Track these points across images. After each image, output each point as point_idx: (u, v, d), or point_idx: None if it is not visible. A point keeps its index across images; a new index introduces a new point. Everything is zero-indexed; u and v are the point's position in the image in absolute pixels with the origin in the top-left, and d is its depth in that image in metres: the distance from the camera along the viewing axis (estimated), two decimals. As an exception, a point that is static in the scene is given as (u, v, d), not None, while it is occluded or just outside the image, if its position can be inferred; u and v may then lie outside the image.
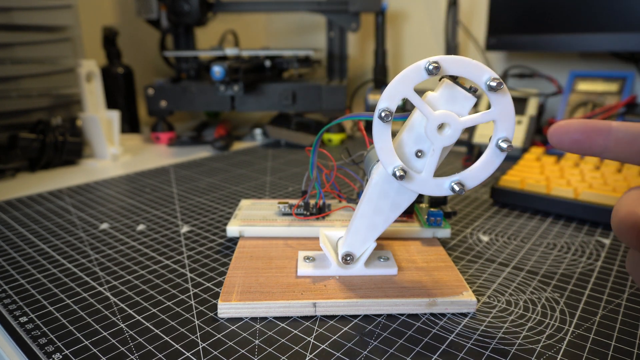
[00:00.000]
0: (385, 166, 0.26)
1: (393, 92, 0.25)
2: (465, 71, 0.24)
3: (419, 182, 0.27)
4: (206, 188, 0.54)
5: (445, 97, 0.25)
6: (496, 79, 0.24)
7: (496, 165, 0.26)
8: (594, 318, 0.29)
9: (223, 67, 0.66)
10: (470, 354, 0.26)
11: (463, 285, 0.30)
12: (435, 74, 0.24)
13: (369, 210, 0.29)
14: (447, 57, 0.24)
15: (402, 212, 0.29)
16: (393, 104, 0.25)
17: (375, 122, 0.26)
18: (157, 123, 0.78)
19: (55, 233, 0.41)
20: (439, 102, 0.25)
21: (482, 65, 0.24)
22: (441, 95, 0.25)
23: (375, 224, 0.29)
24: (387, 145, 0.26)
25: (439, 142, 0.26)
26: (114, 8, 0.89)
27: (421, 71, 0.24)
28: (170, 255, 0.37)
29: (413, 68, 0.24)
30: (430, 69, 0.24)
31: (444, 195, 0.27)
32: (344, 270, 0.31)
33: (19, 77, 0.63)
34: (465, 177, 0.26)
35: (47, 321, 0.28)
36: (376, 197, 0.29)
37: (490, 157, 0.26)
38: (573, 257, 0.37)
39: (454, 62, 0.24)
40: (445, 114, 0.25)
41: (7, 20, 0.60)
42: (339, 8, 0.79)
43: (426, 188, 0.27)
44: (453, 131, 0.25)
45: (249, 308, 0.28)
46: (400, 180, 0.26)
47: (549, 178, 0.48)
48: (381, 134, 0.26)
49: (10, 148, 0.59)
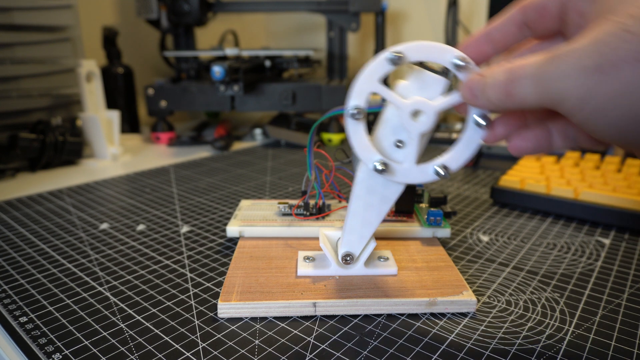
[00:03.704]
0: (365, 162, 0.27)
1: (360, 88, 0.25)
2: (429, 55, 0.24)
3: (403, 172, 0.27)
4: (206, 188, 0.54)
5: (416, 84, 0.25)
6: (461, 57, 0.24)
7: (476, 142, 0.26)
8: (594, 318, 0.29)
9: (223, 67, 0.66)
10: (470, 354, 0.26)
11: (463, 285, 0.30)
12: (400, 64, 0.24)
13: (360, 207, 0.29)
14: (409, 44, 0.24)
15: (392, 204, 0.29)
16: (362, 100, 0.25)
17: (347, 120, 0.26)
18: (157, 123, 0.78)
19: (55, 233, 0.41)
20: (411, 89, 0.26)
21: (445, 46, 0.24)
22: (411, 82, 0.26)
23: (369, 220, 0.29)
24: (363, 142, 0.26)
25: (416, 130, 0.26)
26: (114, 8, 0.89)
27: (385, 63, 0.24)
28: (170, 255, 0.37)
29: (377, 61, 0.24)
30: (393, 58, 0.24)
31: (429, 181, 0.27)
32: (344, 270, 0.31)
33: (19, 77, 0.63)
34: (448, 159, 0.26)
35: (47, 321, 0.28)
36: (364, 194, 0.29)
37: (469, 135, 0.26)
38: (573, 257, 0.37)
39: (416, 48, 0.24)
40: (416, 100, 0.25)
41: (7, 20, 0.60)
42: (339, 8, 0.79)
43: (410, 177, 0.27)
44: (427, 116, 0.25)
45: (249, 308, 0.28)
46: (381, 173, 0.26)
47: (549, 178, 0.48)
48: (355, 131, 0.26)
49: (10, 148, 0.59)
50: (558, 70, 0.18)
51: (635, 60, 0.17)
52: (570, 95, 0.18)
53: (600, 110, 0.18)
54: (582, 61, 0.18)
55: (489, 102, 0.22)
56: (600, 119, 0.18)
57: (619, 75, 0.17)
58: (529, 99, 0.20)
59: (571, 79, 0.18)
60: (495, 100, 0.21)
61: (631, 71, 0.17)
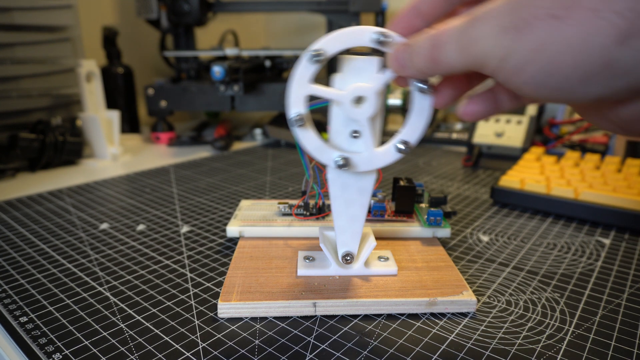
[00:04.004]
0: (326, 163, 0.27)
1: (295, 95, 0.25)
2: (349, 42, 0.24)
3: (366, 161, 0.27)
4: (206, 188, 0.54)
5: (350, 72, 0.26)
6: (380, 32, 0.24)
7: (428, 110, 0.26)
8: (594, 318, 0.29)
9: (223, 67, 0.66)
10: (470, 354, 0.26)
11: (463, 285, 0.30)
12: (323, 60, 0.24)
13: (341, 206, 0.29)
14: (325, 37, 0.24)
15: (371, 193, 0.29)
16: (301, 106, 0.25)
17: (294, 130, 0.26)
18: (157, 123, 0.78)
19: (55, 233, 0.41)
20: (347, 79, 0.26)
21: (362, 27, 0.24)
22: (345, 72, 0.26)
23: (354, 215, 0.29)
24: (315, 144, 0.26)
25: (362, 116, 0.26)
26: (114, 8, 0.89)
27: (309, 64, 0.24)
28: (170, 255, 0.37)
29: (301, 65, 0.25)
30: (315, 57, 0.24)
31: (394, 160, 0.27)
32: (344, 270, 0.31)
33: (19, 77, 0.63)
34: (405, 134, 0.26)
35: (47, 321, 0.28)
36: (340, 192, 0.29)
37: (418, 104, 0.26)
38: (573, 257, 0.37)
39: (333, 39, 0.24)
40: (353, 88, 0.25)
41: (7, 20, 0.60)
42: (339, 8, 0.79)
43: (374, 162, 0.27)
44: (369, 100, 0.25)
45: (249, 308, 0.28)
46: (344, 168, 0.26)
47: (549, 178, 0.48)
48: (305, 137, 0.26)
49: (10, 148, 0.59)
50: (478, 32, 0.19)
51: (549, 17, 0.17)
52: (491, 56, 0.19)
53: (519, 68, 0.18)
54: (499, 21, 0.18)
55: (418, 70, 0.22)
56: (520, 76, 0.18)
57: (533, 33, 0.17)
58: (454, 63, 0.20)
59: (490, 40, 0.18)
60: (423, 68, 0.22)
61: (544, 28, 0.17)
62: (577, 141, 0.68)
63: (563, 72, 0.17)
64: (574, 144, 0.68)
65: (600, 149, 0.66)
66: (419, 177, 0.58)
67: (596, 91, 0.17)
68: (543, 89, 0.18)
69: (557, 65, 0.17)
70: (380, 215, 0.38)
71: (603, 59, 0.16)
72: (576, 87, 0.17)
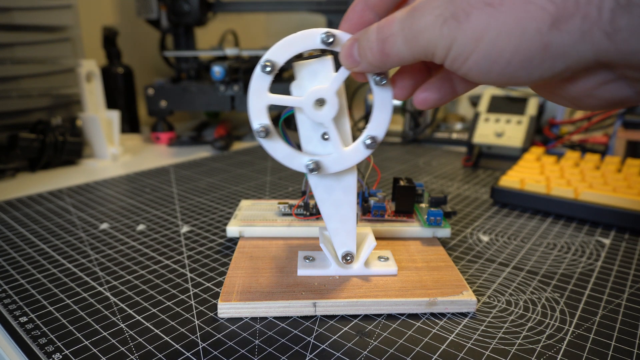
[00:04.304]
0: (297, 169, 0.27)
1: (255, 108, 0.25)
2: (297, 48, 0.24)
3: (336, 161, 0.27)
4: (206, 188, 0.54)
5: (306, 77, 0.26)
6: (326, 33, 0.24)
7: (389, 103, 0.26)
8: (594, 318, 0.29)
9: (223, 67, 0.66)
10: (470, 354, 0.26)
11: (463, 285, 0.30)
12: (274, 69, 0.24)
13: (330, 208, 0.29)
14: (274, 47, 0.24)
15: (356, 190, 0.29)
16: (263, 119, 0.26)
17: (261, 142, 0.26)
18: (157, 123, 0.78)
19: (55, 233, 0.41)
20: (304, 84, 0.26)
21: (307, 31, 0.24)
22: (301, 77, 0.26)
23: (345, 215, 0.29)
24: (284, 153, 0.27)
25: (326, 117, 0.26)
26: (114, 8, 0.89)
27: (262, 76, 0.25)
28: (170, 255, 0.37)
29: (255, 78, 0.25)
30: (266, 68, 0.24)
31: (364, 157, 0.27)
32: (344, 270, 0.31)
33: (19, 77, 0.63)
34: (371, 130, 0.27)
35: (47, 321, 0.28)
36: (326, 195, 0.29)
37: (379, 98, 0.26)
38: (573, 257, 0.37)
39: (280, 48, 0.24)
40: (311, 91, 0.25)
41: (7, 20, 0.60)
42: (339, 8, 0.79)
43: (345, 162, 0.27)
44: (330, 100, 0.26)
45: (249, 308, 0.28)
46: (315, 172, 0.27)
47: (549, 178, 0.48)
48: (273, 148, 0.27)
49: (10, 148, 0.59)
50: (421, 23, 0.19)
51: (484, 5, 0.17)
52: (437, 46, 0.19)
53: (464, 56, 0.19)
54: (440, 11, 0.19)
55: (370, 64, 0.22)
56: (466, 63, 0.19)
57: (472, 21, 0.18)
58: (404, 55, 0.21)
59: (435, 30, 0.19)
60: (374, 62, 0.22)
61: (481, 16, 0.17)
62: (577, 141, 0.68)
63: (504, 57, 0.18)
64: (574, 144, 0.68)
65: (600, 149, 0.66)
66: (419, 177, 0.58)
67: (539, 74, 0.18)
68: (489, 74, 0.19)
69: (498, 51, 0.18)
70: (380, 215, 0.38)
71: (539, 43, 0.17)
72: (519, 71, 0.18)
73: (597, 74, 0.18)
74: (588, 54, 0.17)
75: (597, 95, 0.19)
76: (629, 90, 0.18)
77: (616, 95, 0.19)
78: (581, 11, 0.16)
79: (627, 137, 0.60)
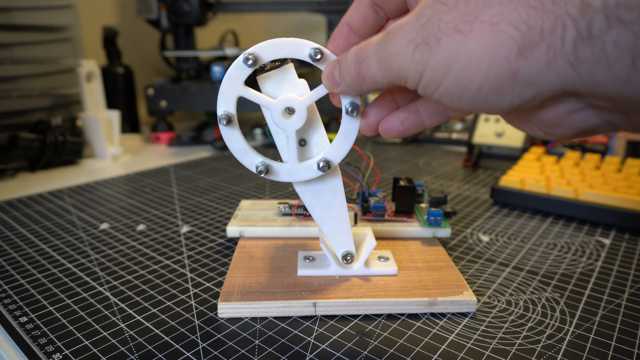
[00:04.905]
0: (248, 166, 0.27)
1: (225, 94, 0.25)
2: (284, 52, 0.24)
3: (287, 171, 0.27)
4: (206, 188, 0.54)
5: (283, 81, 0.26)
6: (316, 49, 0.24)
7: (354, 132, 0.26)
8: (594, 318, 0.29)
9: (223, 67, 0.66)
10: (470, 354, 0.26)
11: (463, 285, 0.30)
12: (256, 65, 0.24)
13: (321, 211, 0.29)
14: (263, 43, 0.24)
15: (343, 187, 0.29)
16: (230, 106, 0.25)
17: (221, 129, 0.26)
18: (157, 123, 0.78)
19: (55, 233, 0.41)
20: (280, 87, 0.26)
21: (300, 40, 0.24)
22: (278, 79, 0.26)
23: (337, 216, 0.29)
24: (239, 146, 0.27)
25: (290, 127, 0.26)
26: (114, 8, 0.89)
27: (243, 66, 0.24)
28: (170, 255, 0.37)
29: (234, 65, 0.25)
30: (248, 60, 0.24)
31: (314, 176, 0.27)
32: (344, 270, 0.31)
33: (19, 77, 0.63)
34: (329, 153, 0.27)
35: (47, 321, 0.28)
36: (314, 199, 0.29)
37: (346, 127, 0.26)
38: (573, 257, 0.37)
39: (270, 46, 0.24)
40: (285, 98, 0.25)
41: (7, 20, 0.60)
42: (339, 8, 0.79)
43: (295, 175, 0.27)
44: (298, 113, 0.26)
45: (249, 308, 0.28)
46: (264, 175, 0.27)
47: (549, 178, 0.48)
48: (229, 137, 0.26)
49: (10, 148, 0.59)
50: (393, 47, 0.19)
51: (454, 31, 0.17)
52: (410, 71, 0.19)
53: (436, 82, 0.19)
54: (411, 36, 0.19)
55: (348, 86, 0.23)
56: (438, 89, 0.19)
57: (443, 48, 0.18)
58: (378, 78, 0.21)
59: (406, 55, 0.19)
60: (351, 83, 0.22)
61: (451, 42, 0.18)
62: (577, 141, 0.68)
63: (475, 84, 0.18)
64: (574, 144, 0.68)
65: (600, 149, 0.66)
66: (419, 177, 0.58)
67: (509, 101, 0.18)
68: (460, 100, 0.19)
69: (469, 77, 0.18)
70: (380, 215, 0.38)
71: (508, 70, 0.17)
72: (490, 98, 0.18)
73: (566, 102, 0.18)
74: (554, 82, 0.17)
75: (567, 124, 0.19)
76: (597, 119, 0.18)
77: (585, 123, 0.19)
78: (546, 40, 0.16)
79: (627, 137, 0.60)
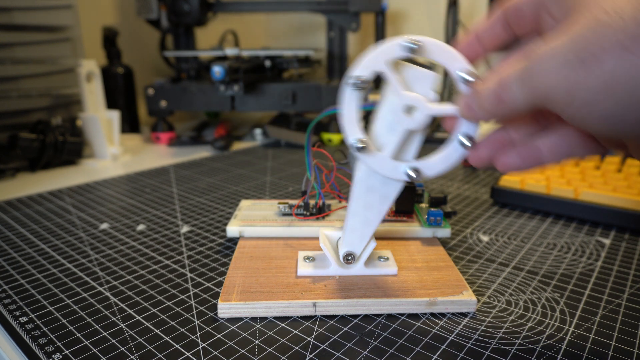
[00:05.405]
0: (347, 136, 0.26)
1: (369, 63, 0.25)
2: (442, 57, 0.24)
3: (377, 160, 0.27)
4: (206, 188, 0.54)
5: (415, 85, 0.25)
6: (469, 72, 0.24)
7: (454, 160, 0.26)
8: (594, 318, 0.29)
9: (223, 67, 0.66)
10: (470, 354, 0.26)
11: (463, 285, 0.30)
12: (413, 53, 0.24)
13: (360, 207, 0.29)
14: (429, 38, 0.24)
15: (391, 203, 0.29)
16: (367, 74, 0.25)
17: (345, 89, 0.25)
18: (157, 123, 0.78)
19: (55, 233, 0.41)
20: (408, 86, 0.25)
21: (459, 55, 0.24)
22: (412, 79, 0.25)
23: (369, 219, 0.29)
24: (352, 115, 0.26)
25: (404, 124, 0.25)
26: (114, 8, 0.89)
27: (397, 48, 0.24)
28: (170, 255, 0.37)
29: (390, 44, 0.24)
30: (409, 46, 0.24)
31: (397, 178, 0.27)
32: (344, 270, 0.31)
33: (19, 77, 0.63)
34: (423, 165, 0.26)
35: (47, 321, 0.28)
36: (364, 193, 0.28)
37: (450, 151, 0.26)
38: (573, 257, 0.37)
39: (435, 45, 0.24)
40: (415, 96, 0.25)
41: (7, 20, 0.60)
42: (339, 8, 0.79)
43: (382, 167, 0.27)
44: (421, 116, 0.25)
45: (249, 308, 0.28)
46: (359, 152, 0.26)
47: (549, 178, 0.48)
48: (349, 102, 0.26)
49: (10, 148, 0.59)
50: (542, 68, 0.19)
51: (621, 49, 0.17)
52: (557, 89, 0.19)
53: (588, 103, 0.18)
54: (564, 56, 0.18)
55: (485, 111, 0.22)
56: (590, 111, 0.18)
57: (603, 67, 0.17)
58: (519, 101, 0.21)
59: (555, 74, 0.18)
60: (490, 108, 0.22)
61: (614, 61, 0.17)
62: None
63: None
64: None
65: (600, 149, 0.66)
66: (419, 177, 0.58)
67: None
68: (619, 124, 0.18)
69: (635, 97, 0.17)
70: (381, 215, 0.38)
71: None
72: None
73: None
74: None
75: None
76: None
77: None
78: None
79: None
